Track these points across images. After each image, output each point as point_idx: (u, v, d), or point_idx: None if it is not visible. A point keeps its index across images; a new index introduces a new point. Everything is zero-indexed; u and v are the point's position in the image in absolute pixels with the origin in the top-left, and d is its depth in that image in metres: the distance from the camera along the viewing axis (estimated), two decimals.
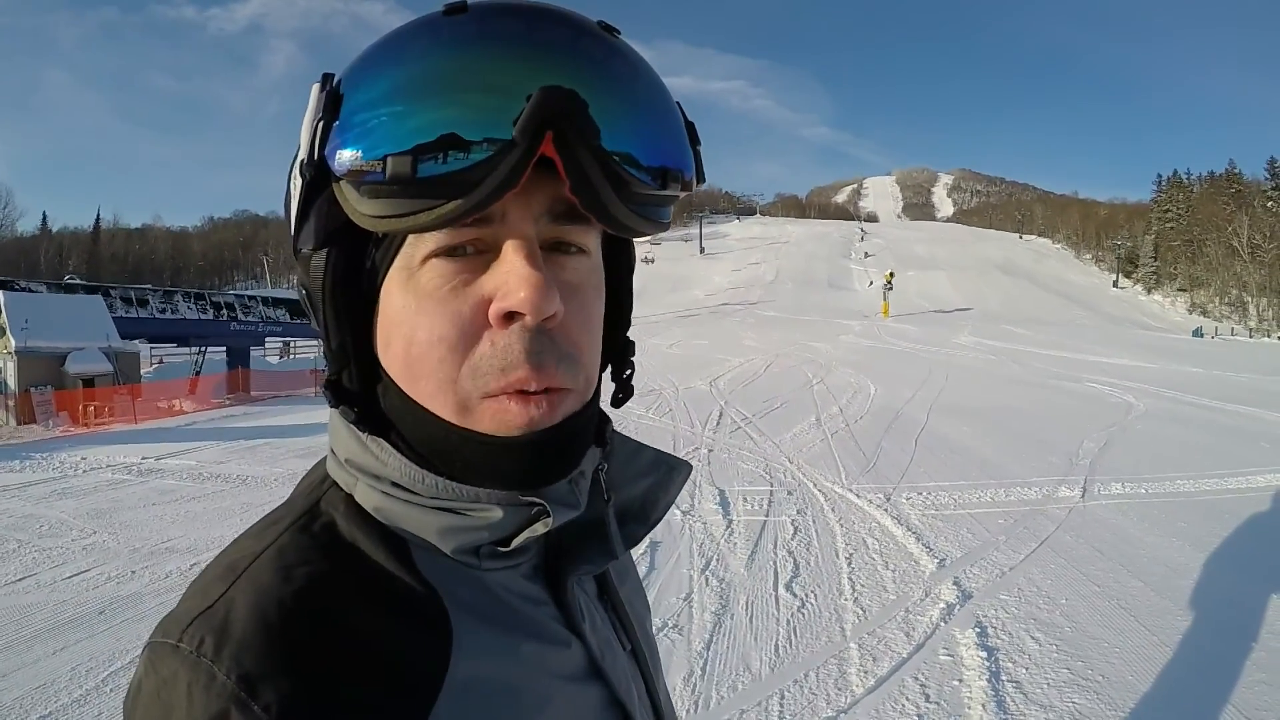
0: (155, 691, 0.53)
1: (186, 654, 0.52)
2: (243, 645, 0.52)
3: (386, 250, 0.59)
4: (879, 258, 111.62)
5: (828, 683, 4.20)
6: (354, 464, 0.64)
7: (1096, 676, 4.28)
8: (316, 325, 0.62)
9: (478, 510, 0.61)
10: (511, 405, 0.57)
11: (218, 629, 0.53)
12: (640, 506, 0.76)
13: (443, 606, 0.59)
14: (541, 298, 0.54)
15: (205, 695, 0.50)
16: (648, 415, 13.73)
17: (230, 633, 0.52)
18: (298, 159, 0.57)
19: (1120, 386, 16.95)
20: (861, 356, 25.92)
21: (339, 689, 0.52)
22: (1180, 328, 67.75)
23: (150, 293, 37.34)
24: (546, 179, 0.54)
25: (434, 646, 0.57)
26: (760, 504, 7.79)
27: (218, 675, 0.51)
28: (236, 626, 0.53)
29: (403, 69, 0.54)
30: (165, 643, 0.54)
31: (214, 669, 0.51)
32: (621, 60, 0.58)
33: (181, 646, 0.53)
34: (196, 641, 0.52)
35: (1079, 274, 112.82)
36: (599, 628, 0.71)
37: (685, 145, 0.61)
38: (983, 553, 6.24)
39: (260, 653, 0.51)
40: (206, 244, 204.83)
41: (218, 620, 0.53)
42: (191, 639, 0.53)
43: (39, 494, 9.51)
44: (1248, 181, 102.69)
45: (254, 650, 0.51)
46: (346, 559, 0.59)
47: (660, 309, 61.70)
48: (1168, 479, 8.51)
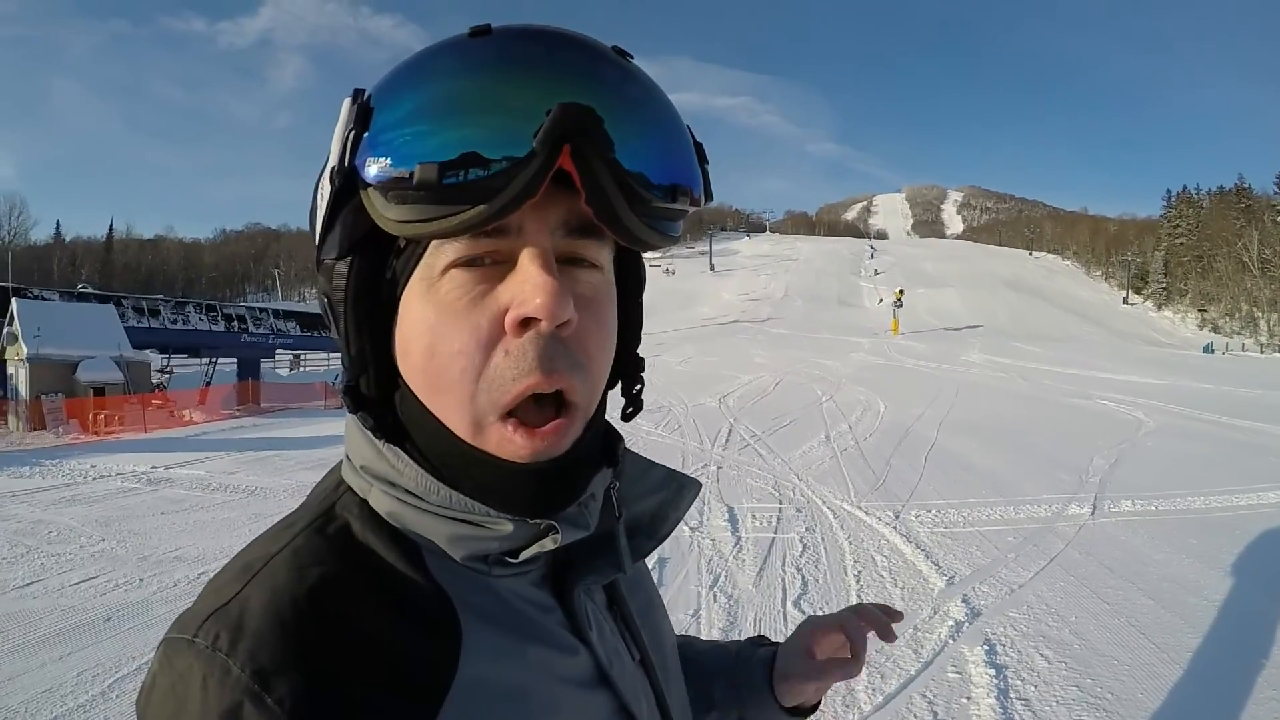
0: (170, 686, 0.54)
1: (202, 648, 0.53)
2: (257, 641, 0.53)
3: (407, 261, 0.61)
4: (889, 275, 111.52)
5: (835, 700, 4.17)
6: (369, 470, 0.65)
7: (1106, 694, 4.24)
8: (336, 333, 0.64)
9: (489, 523, 0.63)
10: (516, 437, 0.59)
11: (233, 625, 0.54)
12: (650, 522, 0.78)
13: (453, 609, 0.60)
14: (556, 303, 0.56)
15: (220, 688, 0.51)
16: (657, 432, 13.75)
17: (245, 628, 0.53)
18: (327, 167, 0.59)
19: (1130, 403, 16.89)
20: (871, 374, 25.92)
21: (350, 686, 0.53)
22: (1190, 344, 67.59)
23: (162, 303, 37.61)
24: (562, 195, 0.57)
25: (444, 648, 0.58)
26: (769, 521, 7.77)
27: (232, 669, 0.51)
28: (251, 623, 0.54)
29: (433, 86, 0.56)
30: (181, 638, 0.55)
31: (229, 663, 0.52)
32: (634, 82, 0.60)
33: (197, 641, 0.54)
34: (212, 636, 0.53)
35: (1089, 290, 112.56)
36: (607, 636, 0.72)
37: (694, 163, 0.64)
38: (992, 570, 6.21)
39: (274, 648, 0.52)
40: (218, 256, 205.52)
41: (233, 617, 0.54)
42: (207, 634, 0.54)
43: (48, 500, 9.58)
44: (1257, 196, 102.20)
45: (268, 646, 0.53)
46: (360, 561, 0.61)
47: (670, 326, 61.70)
48: (1178, 495, 8.46)
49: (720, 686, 1.00)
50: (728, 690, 1.00)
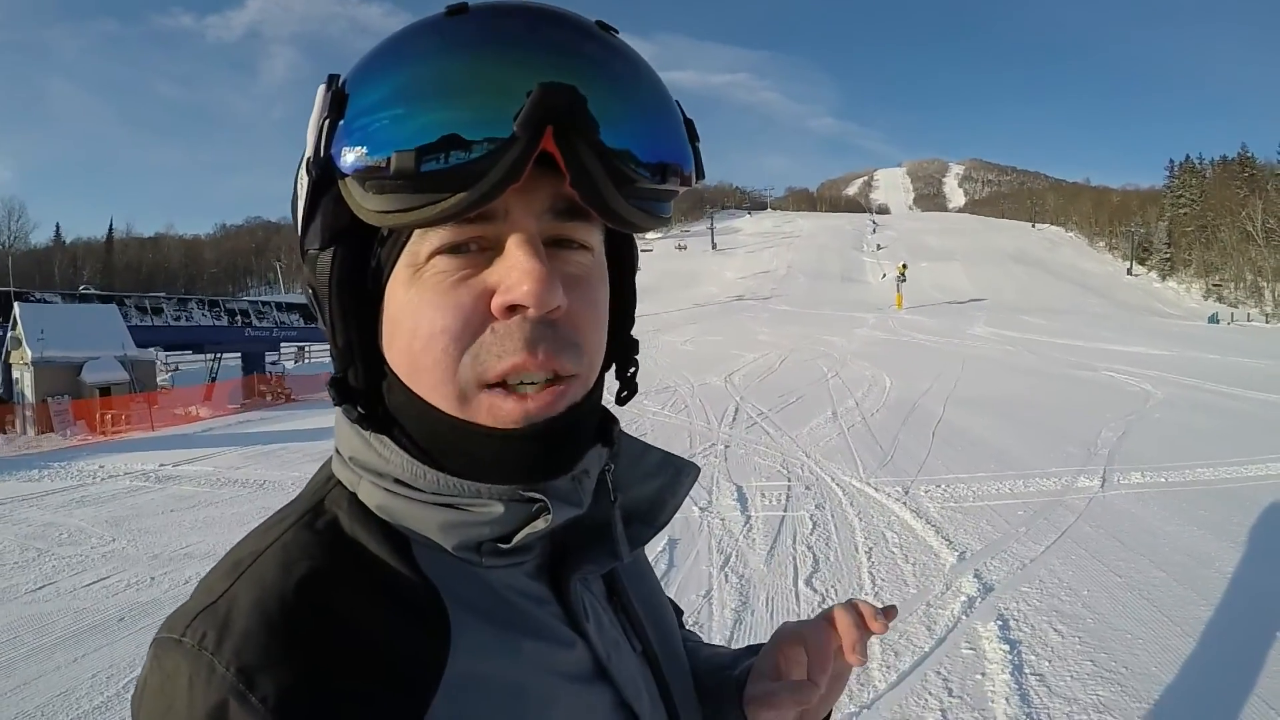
0: (159, 686, 0.54)
1: (189, 648, 0.53)
2: (243, 638, 0.53)
3: (391, 249, 0.60)
4: (891, 250, 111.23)
5: (850, 678, 4.17)
6: (358, 461, 0.65)
7: (1120, 668, 4.25)
8: (323, 324, 0.63)
9: (478, 506, 0.62)
10: (505, 403, 0.58)
11: (220, 623, 0.54)
12: (648, 508, 0.76)
13: (442, 603, 0.60)
14: (544, 290, 0.55)
15: (205, 687, 0.51)
16: (664, 412, 13.72)
17: (231, 627, 0.53)
18: (304, 158, 0.58)
19: (1137, 375, 16.85)
20: (876, 349, 25.84)
21: (337, 682, 0.53)
22: (1195, 314, 67.57)
23: (164, 301, 37.74)
24: (548, 176, 0.56)
25: (432, 642, 0.58)
26: (778, 499, 7.79)
27: (217, 668, 0.51)
28: (238, 621, 0.54)
29: (407, 69, 0.55)
30: (169, 638, 0.55)
31: (214, 661, 0.52)
32: (619, 58, 0.59)
33: (184, 641, 0.54)
34: (199, 635, 0.53)
35: (1093, 262, 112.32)
36: (606, 628, 0.71)
37: (684, 141, 0.62)
38: (1003, 545, 6.21)
39: (259, 646, 0.52)
40: (219, 251, 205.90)
41: (220, 615, 0.54)
42: (194, 633, 0.54)
43: (58, 502, 9.61)
44: (1261, 165, 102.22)
45: (253, 643, 0.52)
46: (348, 555, 0.60)
47: (674, 305, 61.60)
48: (1187, 467, 8.45)
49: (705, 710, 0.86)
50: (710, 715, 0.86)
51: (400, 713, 0.54)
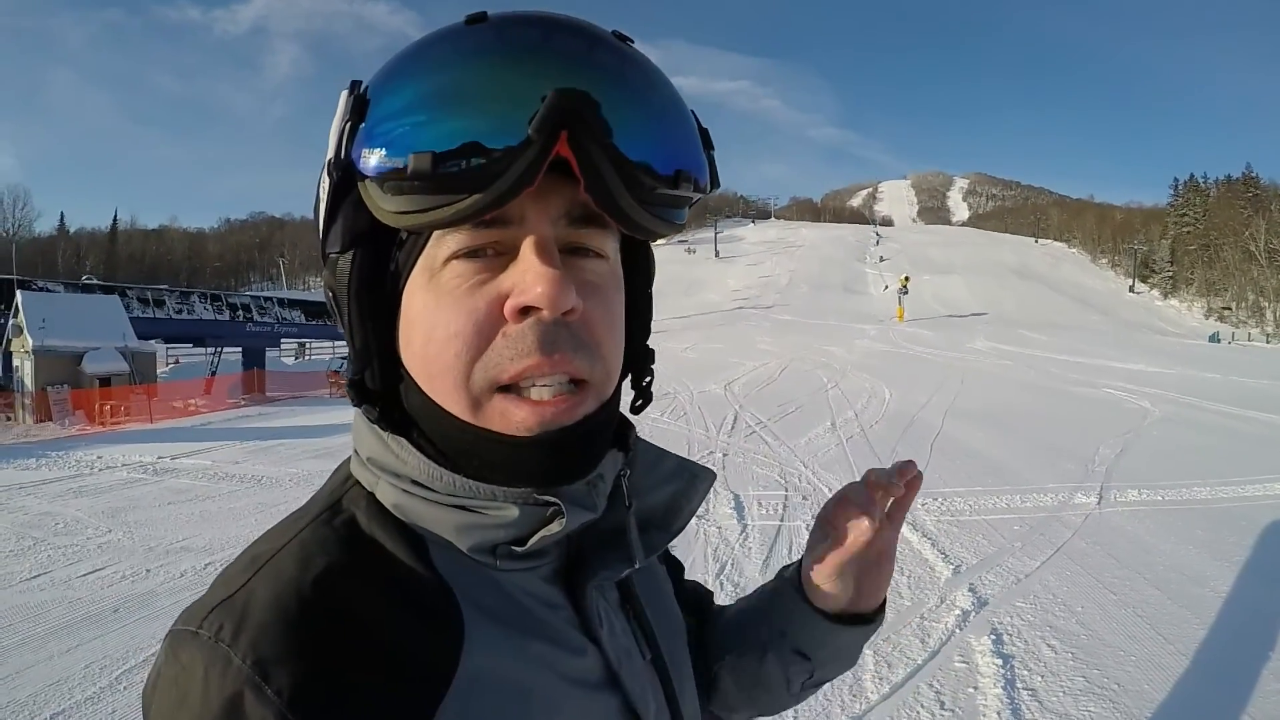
0: (174, 677, 0.54)
1: (205, 640, 0.54)
2: (260, 632, 0.53)
3: (409, 253, 0.61)
4: (894, 262, 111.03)
5: (842, 689, 4.18)
6: (375, 462, 0.65)
7: (1112, 685, 4.24)
8: (341, 326, 0.64)
9: (493, 508, 0.62)
10: (518, 409, 0.59)
11: (237, 616, 0.54)
12: (663, 514, 0.76)
13: (456, 603, 0.60)
14: (558, 292, 0.56)
15: (221, 679, 0.52)
16: (662, 419, 13.74)
17: (248, 620, 0.54)
18: (327, 161, 0.59)
19: (1136, 392, 16.81)
20: (876, 361, 25.85)
21: (350, 677, 0.54)
22: (1197, 333, 67.50)
23: (167, 293, 37.72)
24: (564, 183, 0.56)
25: (446, 641, 0.58)
26: (775, 509, 7.77)
27: (234, 660, 0.52)
28: (255, 614, 0.54)
29: (426, 75, 0.57)
30: (186, 630, 0.56)
31: (230, 654, 0.52)
32: (634, 66, 0.60)
33: (201, 633, 0.54)
34: (216, 628, 0.54)
35: (1095, 278, 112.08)
36: (618, 635, 0.71)
37: (699, 148, 0.63)
38: (998, 559, 6.21)
39: (276, 639, 0.53)
40: (223, 245, 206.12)
41: (238, 608, 0.55)
42: (211, 625, 0.54)
43: (55, 492, 9.61)
44: (1265, 185, 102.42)
45: (270, 637, 0.53)
46: (365, 554, 0.61)
47: (675, 313, 61.59)
48: (1184, 485, 8.43)
49: (765, 626, 0.91)
50: (772, 623, 0.90)
51: (412, 709, 0.55)
